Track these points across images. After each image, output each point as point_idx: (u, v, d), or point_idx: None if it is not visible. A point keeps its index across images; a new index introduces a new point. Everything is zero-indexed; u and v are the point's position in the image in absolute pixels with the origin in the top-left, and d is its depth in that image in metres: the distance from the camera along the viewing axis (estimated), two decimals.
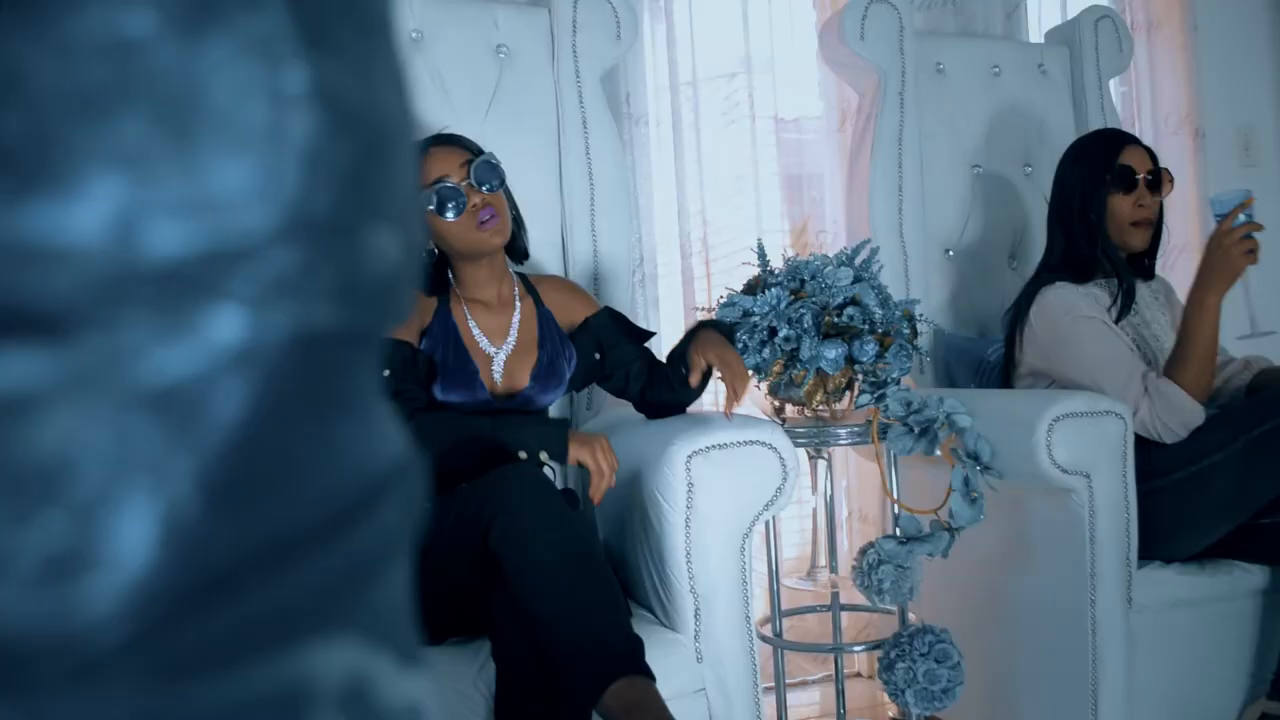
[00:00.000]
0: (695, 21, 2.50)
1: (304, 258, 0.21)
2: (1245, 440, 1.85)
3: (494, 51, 2.08)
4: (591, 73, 2.12)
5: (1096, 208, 2.05)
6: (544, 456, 1.54)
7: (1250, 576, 1.96)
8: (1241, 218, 1.85)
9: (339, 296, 0.22)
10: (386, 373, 1.57)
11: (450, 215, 1.63)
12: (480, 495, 1.37)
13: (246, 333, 0.20)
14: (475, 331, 1.71)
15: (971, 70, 2.58)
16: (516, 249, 1.80)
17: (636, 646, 1.30)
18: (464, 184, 1.63)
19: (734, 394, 1.58)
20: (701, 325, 1.71)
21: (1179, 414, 1.87)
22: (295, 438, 0.21)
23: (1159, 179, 2.07)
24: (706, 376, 1.67)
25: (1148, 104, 3.13)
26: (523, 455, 1.53)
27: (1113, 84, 2.98)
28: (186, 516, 0.19)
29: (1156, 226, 2.11)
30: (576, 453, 1.53)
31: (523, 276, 1.83)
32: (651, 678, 1.28)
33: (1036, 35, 2.92)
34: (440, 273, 1.75)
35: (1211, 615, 1.94)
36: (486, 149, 1.68)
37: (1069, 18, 2.88)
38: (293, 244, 0.21)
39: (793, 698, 2.53)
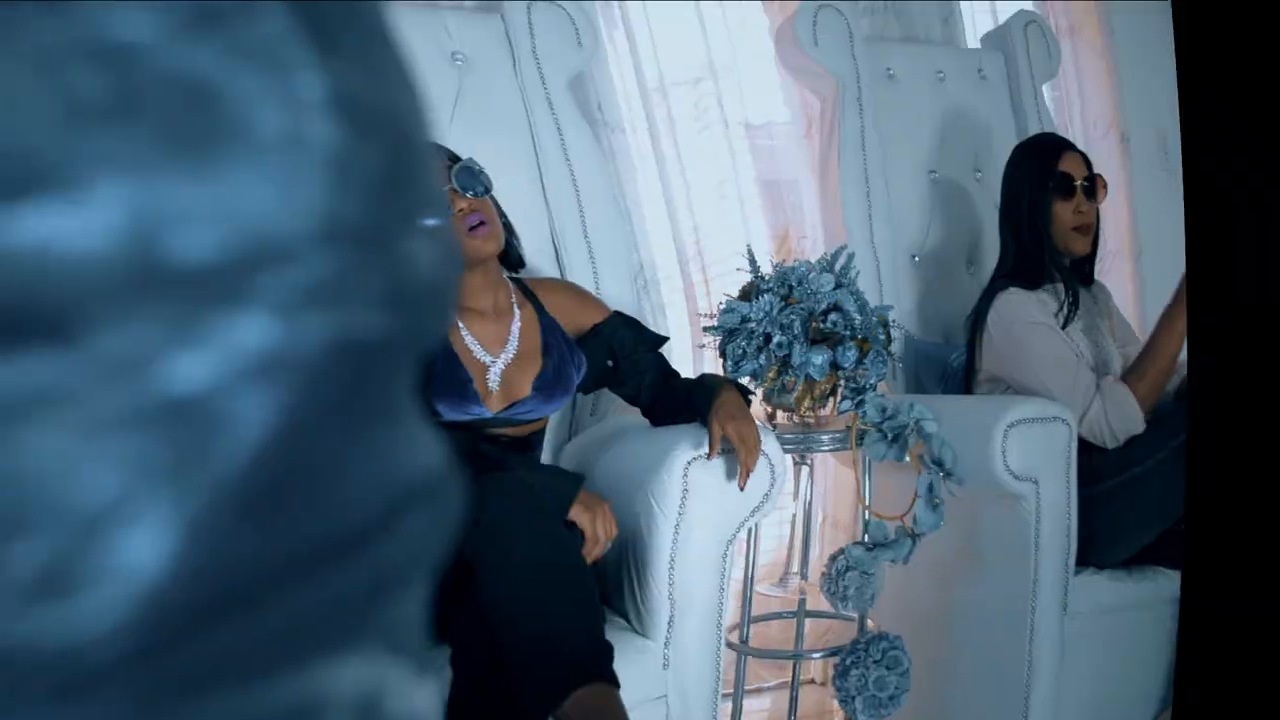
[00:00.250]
0: (653, 28, 2.48)
1: (342, 264, 0.21)
2: (1172, 447, 1.90)
3: (449, 58, 2.04)
4: (557, 78, 2.09)
5: (1042, 214, 2.09)
6: None
7: (1171, 583, 1.99)
8: None
9: (381, 303, 0.22)
10: None
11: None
12: (468, 509, 1.33)
13: (276, 340, 0.20)
14: (469, 339, 1.66)
15: (918, 76, 2.62)
16: (510, 256, 1.76)
17: (604, 653, 1.31)
18: (448, 188, 1.58)
19: (746, 472, 1.57)
20: (720, 382, 1.69)
21: (1126, 420, 1.92)
22: (329, 448, 0.21)
23: (1094, 185, 2.12)
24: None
25: (1078, 108, 3.21)
26: None
27: (1045, 89, 3.05)
28: (204, 529, 0.19)
29: (1095, 232, 2.16)
30: (577, 514, 1.50)
31: (520, 283, 1.78)
32: (616, 684, 1.28)
33: (973, 39, 2.96)
34: None
35: (1134, 622, 1.99)
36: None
37: (1000, 22, 2.92)
38: (330, 250, 0.21)
39: (747, 704, 2.52)
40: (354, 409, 0.22)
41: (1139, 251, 3.09)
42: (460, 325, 1.67)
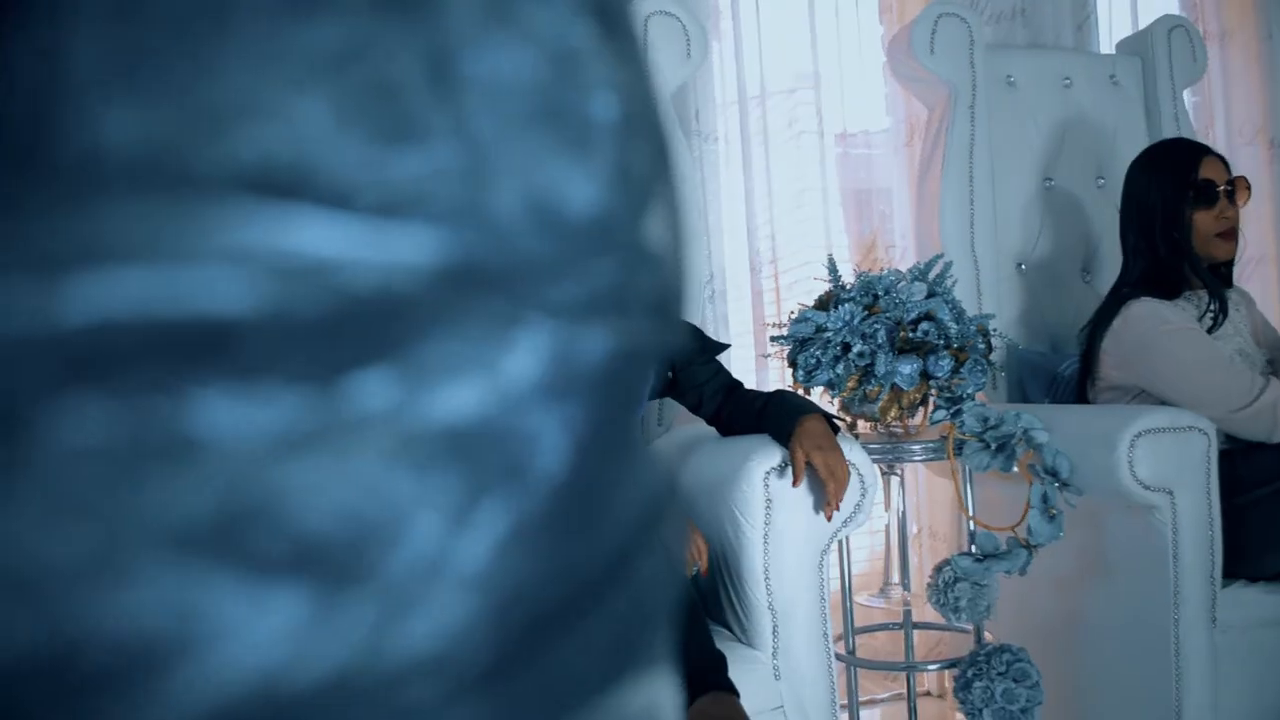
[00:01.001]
0: (763, 36, 2.50)
1: (621, 269, 0.20)
2: None
3: None
4: (664, 91, 2.13)
5: (1181, 223, 2.02)
6: None
7: None
8: None
9: (653, 312, 0.21)
10: None
11: None
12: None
13: (568, 350, 0.19)
14: None
15: (1042, 82, 2.56)
16: None
17: (720, 663, 1.30)
18: None
19: (835, 503, 1.54)
20: (803, 406, 1.64)
21: None
22: (610, 460, 0.21)
23: (1236, 188, 2.04)
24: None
25: (1221, 114, 3.08)
26: None
27: (1186, 94, 2.94)
28: (526, 542, 0.19)
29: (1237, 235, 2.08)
30: None
31: None
32: (736, 694, 1.29)
33: (1107, 46, 2.88)
34: None
35: None
36: None
37: (1140, 28, 2.84)
38: (613, 255, 0.20)
39: (863, 717, 2.51)
40: (626, 421, 0.22)
41: None
42: None
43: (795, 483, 1.54)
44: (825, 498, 1.53)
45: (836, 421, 1.64)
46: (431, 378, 0.18)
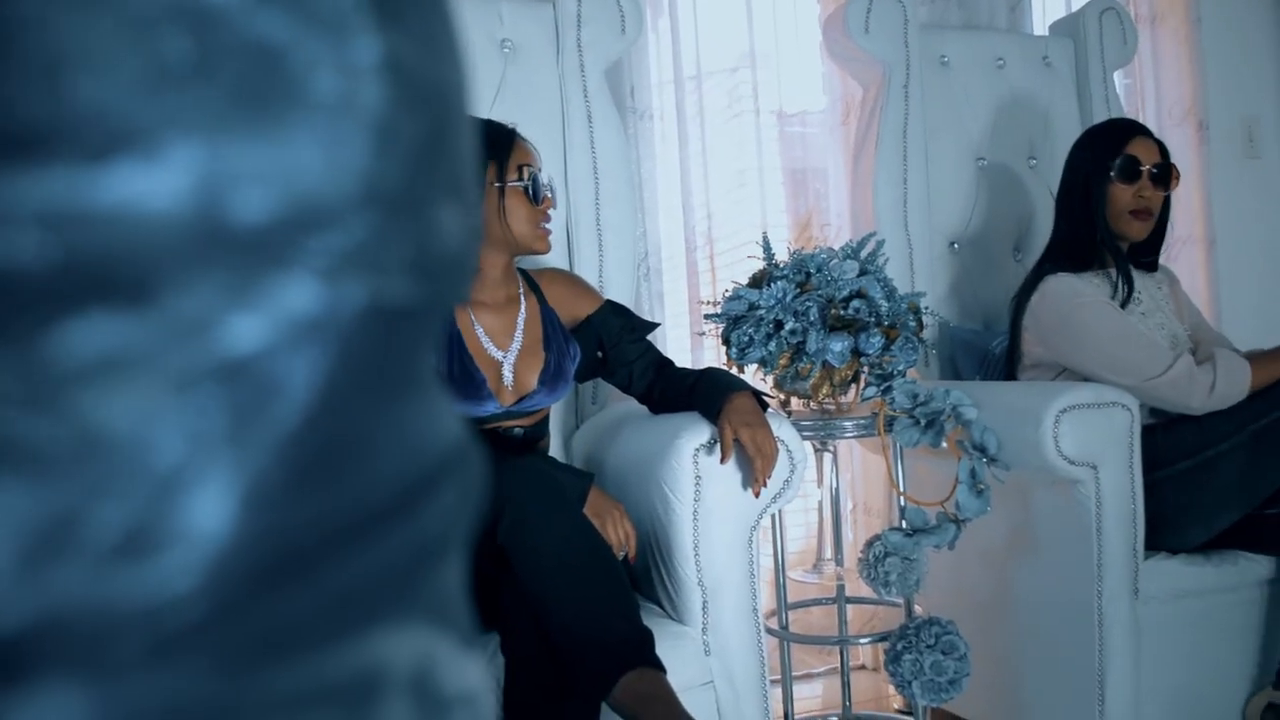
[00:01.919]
0: (699, 15, 2.50)
1: (378, 229, 0.21)
2: (1251, 431, 1.85)
3: (499, 46, 2.09)
4: (596, 67, 2.12)
5: (1097, 195, 2.05)
6: None
7: (1256, 567, 1.97)
8: None
9: (411, 270, 0.22)
10: None
11: (538, 201, 1.67)
12: (488, 490, 1.37)
13: (321, 303, 0.20)
14: (481, 335, 1.71)
15: (976, 63, 2.58)
16: None
17: (646, 638, 1.31)
18: (546, 194, 1.70)
19: (762, 480, 1.54)
20: (732, 382, 1.64)
21: (1233, 385, 1.85)
22: (368, 413, 0.21)
23: (1166, 173, 2.07)
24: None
25: (1151, 96, 3.13)
26: None
27: (1118, 76, 2.98)
28: (263, 492, 0.19)
29: (1161, 220, 2.11)
30: (589, 517, 1.48)
31: (524, 273, 1.83)
32: (662, 669, 1.29)
33: (1041, 28, 2.92)
34: None
35: (1217, 605, 1.95)
36: None
37: (1073, 10, 2.87)
38: (367, 215, 0.21)
39: (801, 691, 2.53)
40: (387, 376, 0.22)
41: (1213, 239, 3.01)
42: (473, 320, 1.71)
43: (723, 459, 1.54)
44: (753, 474, 1.54)
45: (766, 398, 1.65)
46: (178, 324, 0.19)
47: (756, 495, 1.55)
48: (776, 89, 2.56)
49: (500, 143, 1.68)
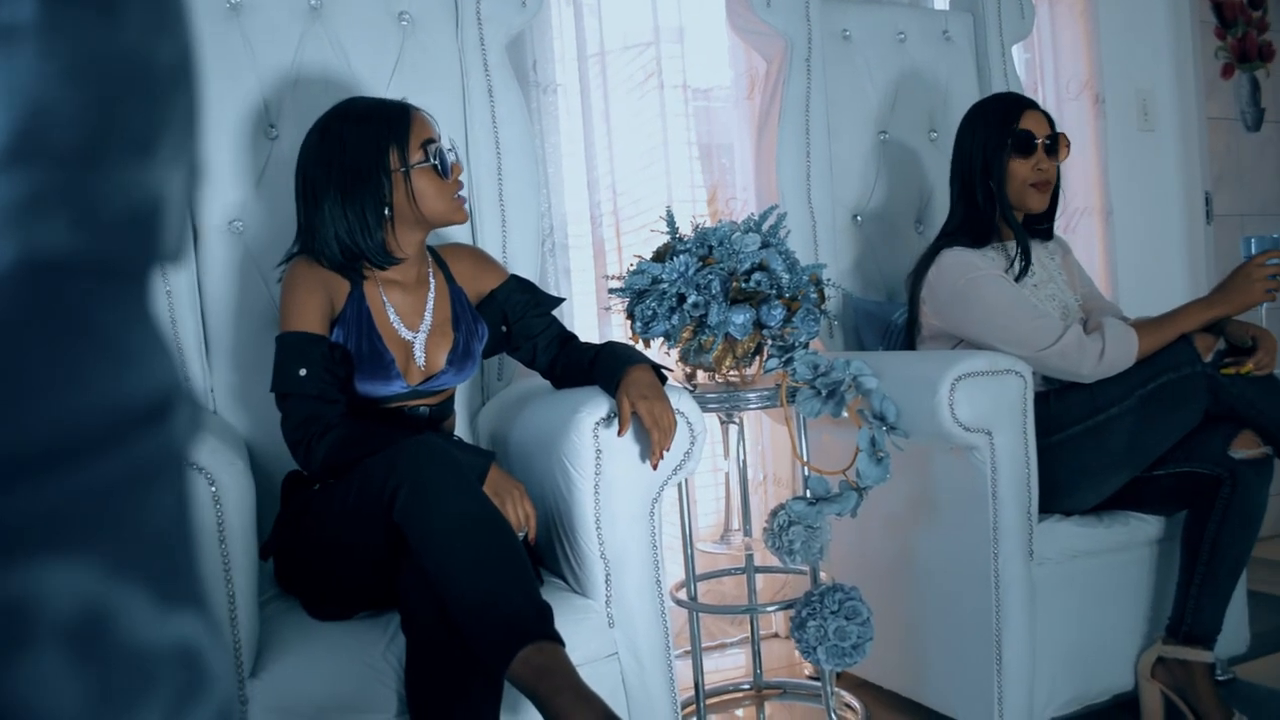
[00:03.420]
0: None
1: (31, 187, 0.21)
2: (1139, 395, 1.91)
3: (396, 19, 2.05)
4: (496, 40, 2.10)
5: (996, 171, 2.09)
6: None
7: (1146, 527, 2.04)
8: (1275, 260, 1.94)
9: (76, 226, 0.21)
10: (303, 371, 1.55)
11: (445, 175, 1.65)
12: (384, 466, 1.37)
13: None
14: (392, 315, 1.69)
15: (877, 37, 2.61)
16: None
17: (545, 612, 1.31)
18: (452, 162, 1.68)
19: (659, 453, 1.55)
20: (631, 356, 1.65)
21: (1121, 352, 1.90)
22: (24, 361, 0.21)
23: (1056, 143, 2.11)
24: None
25: (1050, 70, 3.20)
26: None
27: (1017, 50, 3.03)
28: None
29: (1054, 190, 2.16)
30: (489, 495, 1.47)
31: (431, 250, 1.81)
32: (561, 643, 1.29)
33: (941, 2, 2.95)
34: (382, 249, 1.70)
35: (1110, 565, 2.02)
36: None
37: None
38: (16, 174, 0.20)
39: (717, 661, 2.57)
40: (56, 326, 0.22)
41: (1109, 210, 3.09)
42: (384, 300, 1.69)
43: (620, 432, 1.55)
44: (651, 447, 1.54)
45: (665, 371, 1.66)
46: None
47: (654, 468, 1.56)
48: (682, 64, 2.55)
49: (396, 124, 1.65)
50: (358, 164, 1.61)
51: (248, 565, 1.40)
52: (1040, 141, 2.09)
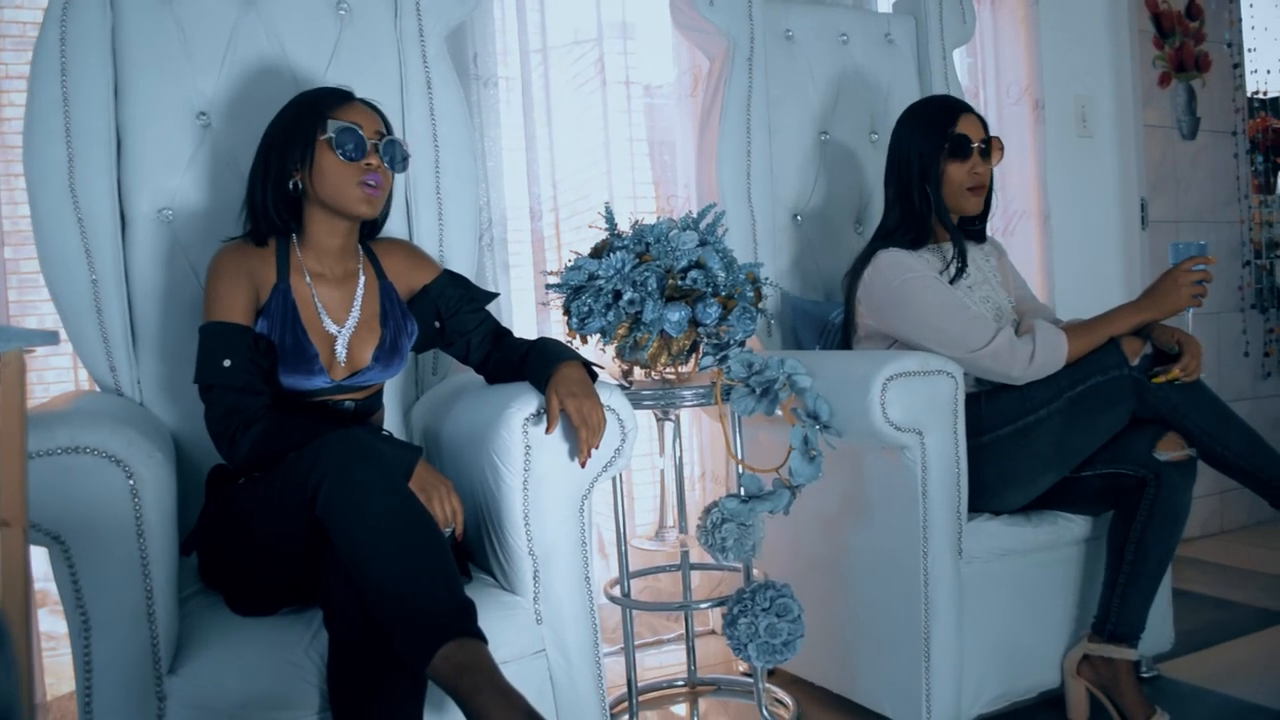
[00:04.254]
0: None
1: None
2: (1067, 398, 1.94)
3: (334, 8, 2.03)
4: (435, 31, 2.08)
5: (933, 174, 2.10)
6: None
7: (1073, 526, 2.07)
8: (1200, 266, 1.97)
9: None
10: (228, 362, 1.53)
11: (347, 157, 1.62)
12: (308, 460, 1.35)
13: None
14: (320, 308, 1.67)
15: (820, 38, 2.62)
16: (374, 226, 1.82)
17: (467, 609, 1.30)
18: (371, 144, 1.64)
19: (586, 451, 1.54)
20: (562, 353, 1.64)
21: (1050, 355, 1.93)
22: None
23: (990, 147, 2.14)
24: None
25: (992, 75, 3.23)
26: None
27: (960, 54, 3.07)
28: None
29: (989, 192, 2.18)
30: (415, 493, 1.44)
31: (365, 246, 1.79)
32: (483, 640, 1.28)
33: (885, 5, 2.98)
34: (284, 218, 1.69)
35: (1038, 564, 2.04)
36: None
37: None
38: None
39: (655, 658, 2.57)
40: None
41: (1047, 214, 3.14)
42: (313, 293, 1.67)
43: (548, 429, 1.54)
44: (579, 444, 1.54)
45: (596, 369, 1.66)
46: None
47: (583, 465, 1.56)
48: (624, 61, 2.55)
49: (325, 103, 1.64)
50: (282, 132, 1.66)
51: (167, 559, 1.37)
52: (976, 145, 2.11)
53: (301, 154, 1.63)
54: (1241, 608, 2.77)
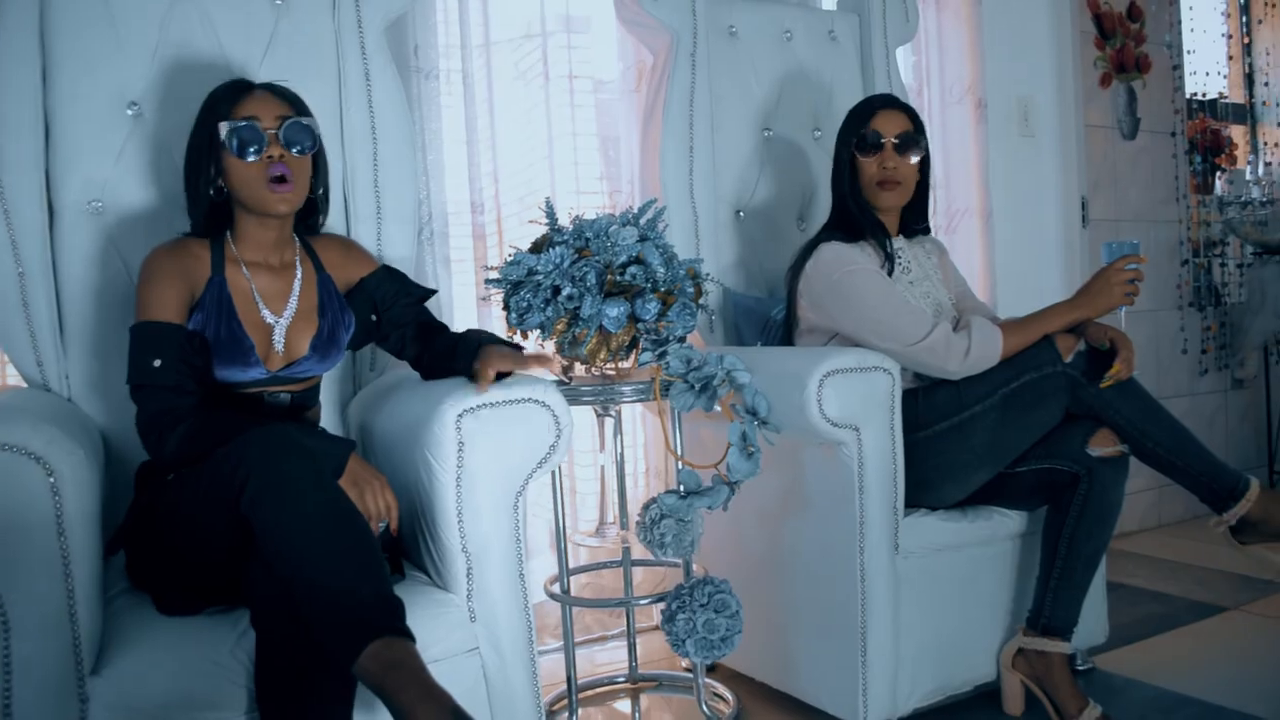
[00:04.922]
0: None
1: None
2: (1001, 394, 1.96)
3: None
4: (375, 22, 2.05)
5: (850, 169, 2.16)
6: None
7: (1008, 521, 2.10)
8: (1133, 265, 2.00)
9: None
10: (158, 362, 1.51)
11: (250, 157, 1.59)
12: (234, 455, 1.33)
13: None
14: (257, 299, 1.65)
15: (764, 34, 2.63)
16: (311, 218, 1.78)
17: (394, 606, 1.29)
18: (270, 133, 1.60)
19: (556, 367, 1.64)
20: (486, 337, 1.69)
21: (986, 349, 1.95)
22: None
23: (907, 143, 2.15)
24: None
25: (936, 73, 3.26)
26: None
27: (904, 53, 3.09)
28: None
29: (922, 187, 2.21)
30: (346, 489, 1.44)
31: (302, 240, 1.77)
32: (411, 638, 1.27)
33: (828, 2, 2.99)
34: (219, 218, 1.67)
35: (973, 558, 2.07)
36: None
37: None
38: None
39: (600, 655, 2.56)
40: None
41: (989, 211, 3.17)
42: (251, 283, 1.65)
43: (479, 390, 1.55)
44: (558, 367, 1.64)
45: (519, 345, 1.70)
46: None
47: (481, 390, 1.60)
48: (568, 55, 2.54)
49: (223, 103, 1.62)
50: (194, 140, 1.65)
51: (90, 558, 1.35)
52: (888, 140, 2.14)
53: (209, 162, 1.62)
54: (1176, 600, 2.82)
